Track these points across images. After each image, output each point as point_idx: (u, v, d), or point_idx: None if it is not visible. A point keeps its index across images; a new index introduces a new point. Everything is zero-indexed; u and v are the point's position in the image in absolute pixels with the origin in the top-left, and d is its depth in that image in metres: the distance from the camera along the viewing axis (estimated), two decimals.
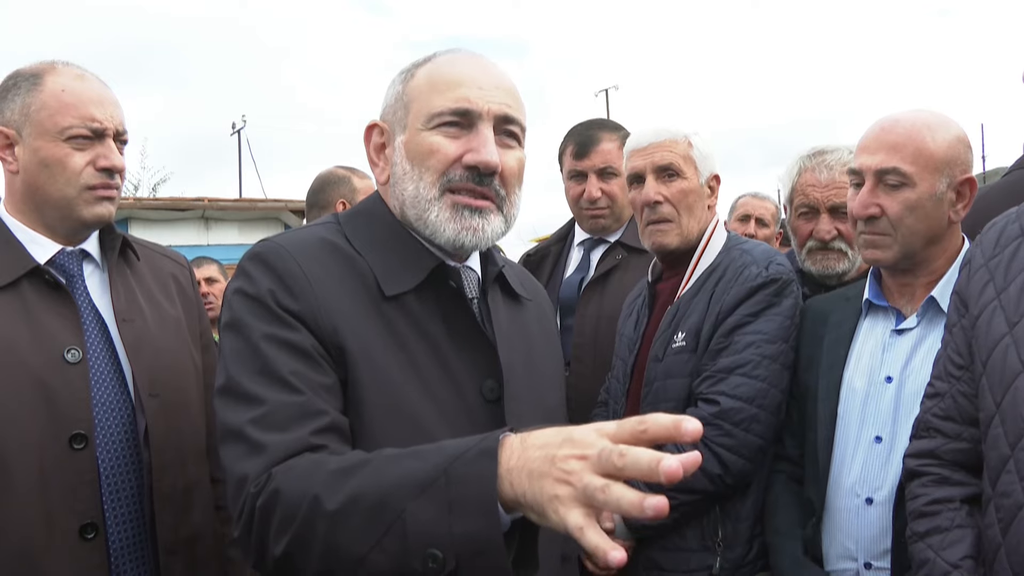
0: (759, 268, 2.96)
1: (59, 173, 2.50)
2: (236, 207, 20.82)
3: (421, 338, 1.94)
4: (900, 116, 2.66)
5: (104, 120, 2.55)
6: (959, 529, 2.13)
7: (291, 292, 1.87)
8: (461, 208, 1.95)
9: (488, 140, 1.94)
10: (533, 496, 1.37)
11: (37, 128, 2.49)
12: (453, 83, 1.97)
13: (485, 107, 1.95)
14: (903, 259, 2.63)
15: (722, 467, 2.80)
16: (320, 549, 1.57)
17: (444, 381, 1.93)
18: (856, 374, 2.70)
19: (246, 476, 1.69)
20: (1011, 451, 1.92)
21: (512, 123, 2.00)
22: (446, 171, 1.95)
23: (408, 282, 1.96)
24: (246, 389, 1.78)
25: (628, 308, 3.39)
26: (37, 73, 2.55)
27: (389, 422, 1.84)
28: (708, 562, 2.87)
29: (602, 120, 4.36)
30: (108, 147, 2.56)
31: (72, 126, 2.49)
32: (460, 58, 2.04)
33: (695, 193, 3.11)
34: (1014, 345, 1.96)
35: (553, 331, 2.38)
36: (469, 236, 1.96)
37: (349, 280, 1.94)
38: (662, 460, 1.24)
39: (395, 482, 1.53)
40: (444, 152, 1.95)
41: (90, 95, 2.55)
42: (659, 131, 3.14)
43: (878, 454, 2.59)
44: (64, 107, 2.50)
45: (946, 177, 2.58)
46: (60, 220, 2.56)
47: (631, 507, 1.26)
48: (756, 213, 6.05)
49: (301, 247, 1.96)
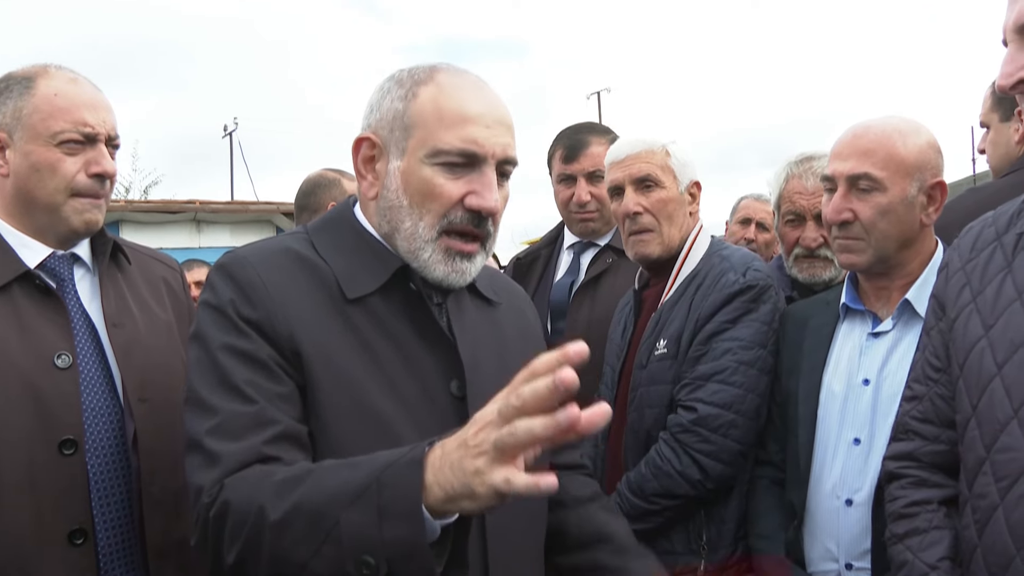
0: (736, 275, 2.99)
1: (50, 178, 2.48)
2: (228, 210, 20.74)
3: (386, 339, 1.96)
4: (871, 122, 2.70)
5: (96, 125, 2.53)
6: (937, 531, 2.15)
7: (249, 301, 1.91)
8: (454, 254, 1.98)
9: (492, 185, 1.95)
10: (460, 484, 1.45)
11: (29, 132, 2.47)
12: (462, 118, 1.95)
13: (491, 149, 1.95)
14: (877, 263, 2.67)
15: (702, 472, 2.84)
16: (268, 557, 1.63)
17: (410, 380, 1.95)
18: (835, 377, 2.73)
19: (201, 487, 1.76)
20: (987, 453, 1.95)
21: (510, 163, 2.01)
22: (446, 213, 1.96)
23: (371, 284, 1.98)
24: (204, 399, 1.84)
25: (618, 315, 3.42)
26: (30, 76, 2.52)
27: (352, 423, 1.87)
28: (693, 565, 2.90)
29: (591, 124, 4.38)
30: (100, 152, 2.54)
31: (64, 130, 2.47)
32: (466, 84, 2.01)
33: (675, 202, 3.14)
34: (990, 348, 1.99)
35: (532, 329, 2.36)
36: (456, 278, 1.99)
37: (310, 286, 1.96)
38: (558, 375, 1.34)
39: (333, 492, 1.59)
40: (448, 195, 1.95)
41: (83, 99, 2.53)
42: (636, 142, 3.18)
43: (857, 456, 2.62)
44: (57, 111, 2.48)
45: (917, 181, 2.63)
46: (50, 225, 2.54)
47: (545, 427, 1.35)
48: (757, 217, 5.99)
49: (262, 257, 1.99)
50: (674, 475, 2.87)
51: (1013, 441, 1.89)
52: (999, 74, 1.94)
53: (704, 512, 2.93)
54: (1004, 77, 1.93)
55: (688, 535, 2.93)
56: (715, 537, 2.92)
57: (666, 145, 3.15)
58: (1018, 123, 3.65)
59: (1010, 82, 1.92)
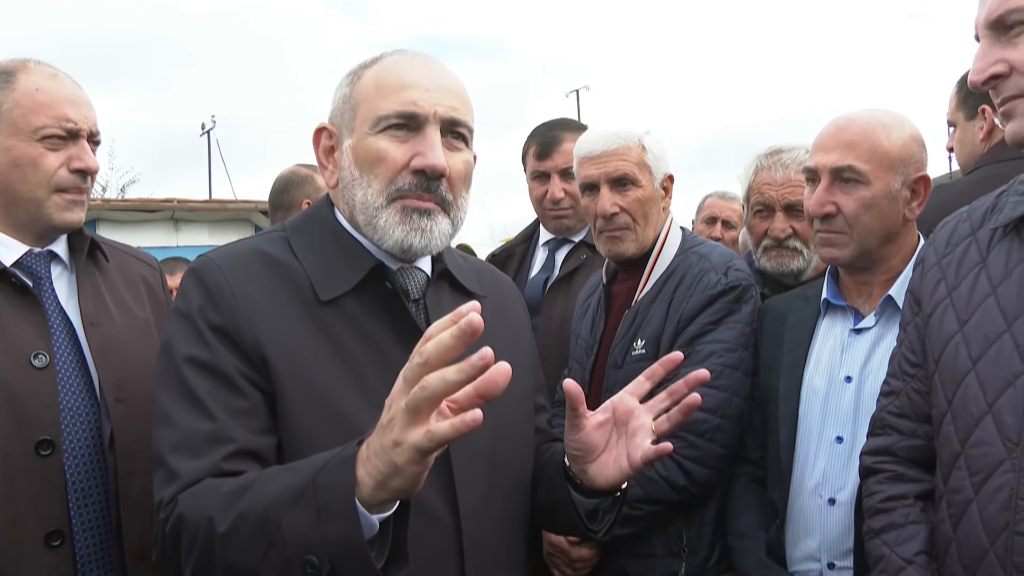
0: (718, 275, 2.97)
1: (31, 174, 2.47)
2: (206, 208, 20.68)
3: (361, 340, 1.95)
4: (855, 115, 2.70)
5: (79, 120, 2.52)
6: (913, 525, 2.16)
7: (217, 307, 1.92)
8: (410, 211, 1.96)
9: (435, 143, 1.95)
10: (385, 465, 1.47)
11: (10, 127, 2.45)
12: (399, 86, 1.96)
13: (431, 110, 1.95)
14: (859, 257, 2.67)
15: (687, 478, 2.82)
16: (221, 567, 1.67)
17: (386, 381, 1.85)
18: (816, 374, 2.72)
19: (160, 502, 1.79)
20: (961, 448, 1.95)
21: (459, 125, 2.01)
22: (394, 179, 1.96)
23: (344, 284, 1.97)
24: (168, 414, 1.86)
25: (582, 307, 3.38)
26: (9, 71, 2.50)
27: (322, 428, 1.86)
28: (674, 567, 2.89)
29: (565, 120, 4.37)
30: (82, 148, 2.53)
31: (46, 126, 2.46)
32: (407, 59, 2.04)
33: (651, 200, 3.11)
34: (964, 343, 1.99)
35: (519, 323, 2.35)
36: (417, 237, 1.96)
37: (281, 290, 1.96)
38: (461, 317, 1.37)
39: (274, 497, 1.62)
40: (392, 158, 1.95)
41: (64, 95, 2.52)
42: (611, 137, 3.12)
43: (839, 454, 2.62)
44: (38, 106, 2.47)
45: (901, 175, 2.62)
46: (29, 221, 2.52)
47: (460, 371, 1.37)
48: (723, 215, 5.99)
49: (231, 260, 2.00)
50: (659, 481, 2.83)
51: (987, 436, 1.90)
52: (972, 70, 1.95)
53: (684, 514, 2.91)
54: (976, 73, 1.94)
55: (668, 537, 2.91)
56: (695, 539, 2.90)
57: (641, 138, 3.10)
58: (982, 121, 3.69)
59: (982, 77, 1.93)
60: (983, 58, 1.93)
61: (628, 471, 1.95)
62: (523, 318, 2.40)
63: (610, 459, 1.98)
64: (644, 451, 1.92)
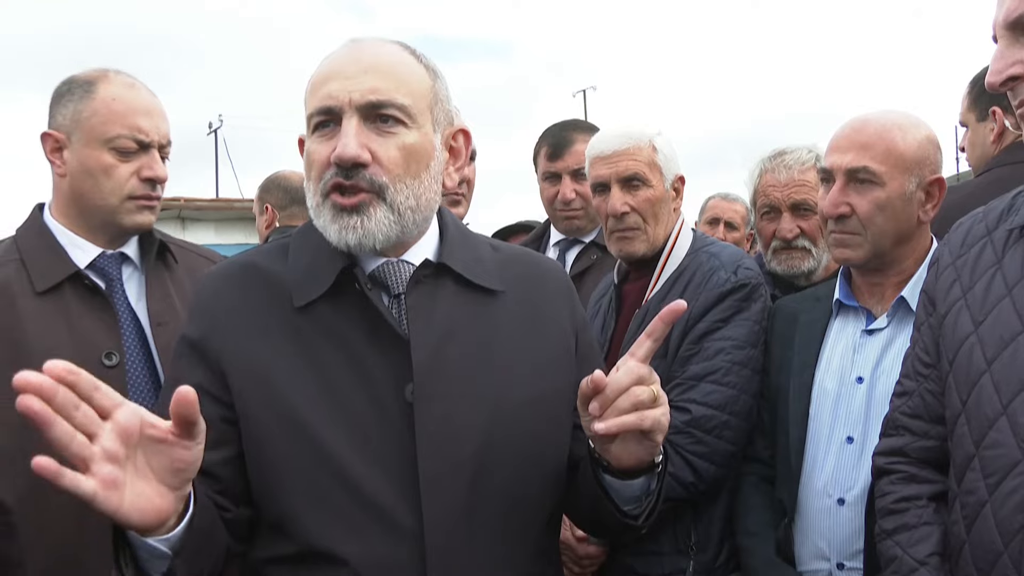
0: (727, 273, 2.96)
1: (104, 181, 2.61)
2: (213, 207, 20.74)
3: (335, 345, 1.89)
4: (870, 116, 2.69)
5: (151, 131, 2.65)
6: (926, 526, 2.15)
7: (194, 321, 1.96)
8: (338, 209, 1.88)
9: (346, 133, 1.83)
10: None
11: (87, 135, 2.60)
12: (322, 80, 1.89)
13: (346, 98, 1.84)
14: (873, 258, 2.66)
15: (695, 475, 2.80)
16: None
17: (360, 388, 1.87)
18: (827, 375, 2.71)
19: None
20: (976, 449, 1.94)
21: (383, 107, 1.86)
22: (322, 175, 1.88)
23: (317, 289, 1.92)
24: None
25: (594, 307, 3.37)
26: (91, 80, 2.65)
27: (283, 441, 1.85)
28: (681, 565, 2.87)
29: (576, 121, 4.37)
30: (153, 158, 2.67)
31: (120, 135, 2.60)
32: (338, 51, 1.94)
33: (661, 200, 3.10)
34: (979, 344, 1.98)
35: (552, 321, 2.12)
36: (351, 235, 1.87)
37: (259, 300, 1.94)
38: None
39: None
40: (317, 157, 1.88)
41: (139, 105, 2.66)
42: (622, 137, 3.11)
43: (850, 455, 2.60)
44: (113, 116, 2.60)
45: (916, 177, 2.61)
46: (102, 226, 2.66)
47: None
48: (725, 216, 5.99)
49: (221, 273, 2.03)
50: (666, 477, 2.81)
51: (1002, 437, 1.89)
52: (989, 71, 1.94)
53: (692, 512, 2.90)
54: (994, 74, 1.92)
55: (676, 535, 2.89)
56: (703, 537, 2.89)
57: (652, 139, 3.10)
58: (993, 123, 3.68)
59: (1000, 79, 1.91)
60: (1001, 59, 1.91)
61: (651, 446, 1.80)
62: (561, 315, 2.15)
63: (631, 435, 1.78)
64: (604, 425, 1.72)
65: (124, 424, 1.49)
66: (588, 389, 1.73)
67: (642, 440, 1.79)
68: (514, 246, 2.33)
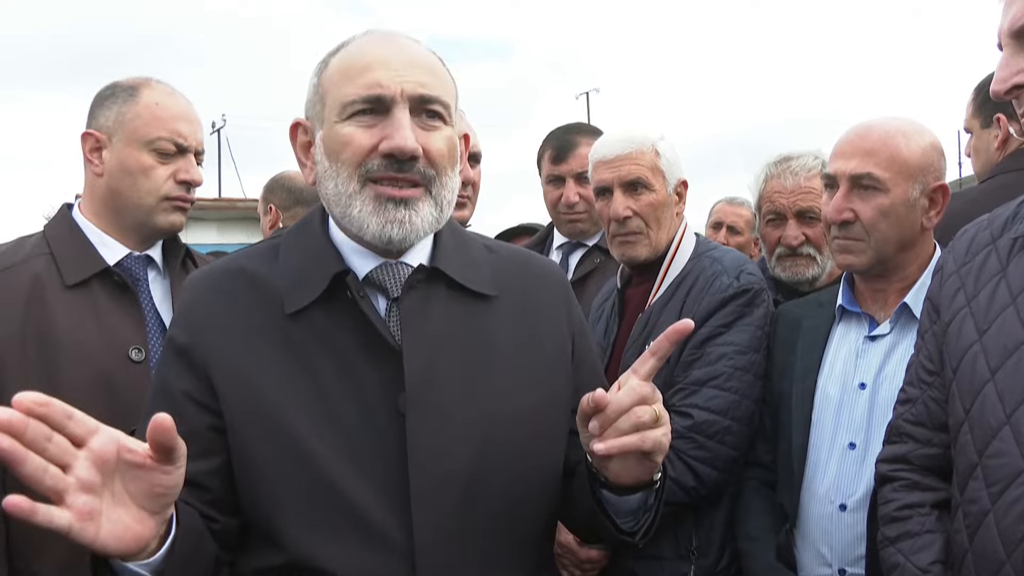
0: (730, 278, 2.96)
1: (142, 182, 2.73)
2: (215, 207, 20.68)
3: (326, 353, 1.86)
4: (874, 122, 2.69)
5: (189, 136, 2.79)
6: (929, 534, 2.14)
7: (181, 326, 1.94)
8: (384, 200, 1.83)
9: (403, 124, 1.81)
10: None
11: (129, 136, 2.72)
12: (363, 67, 1.84)
13: (398, 89, 1.82)
14: (876, 264, 2.66)
15: (696, 480, 2.80)
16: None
17: (351, 398, 1.84)
18: (830, 380, 2.72)
19: None
20: (979, 458, 1.94)
21: (431, 102, 1.86)
22: (363, 162, 1.83)
23: (310, 295, 1.88)
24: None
25: (597, 311, 3.37)
26: (134, 86, 2.78)
27: (270, 450, 1.83)
28: (683, 570, 2.87)
29: (580, 124, 4.37)
30: (190, 162, 2.80)
31: (161, 138, 2.73)
32: (372, 40, 1.92)
33: (664, 204, 3.10)
34: (983, 353, 1.98)
35: (548, 325, 2.08)
36: (396, 229, 1.83)
37: (247, 306, 1.91)
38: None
39: None
40: (358, 143, 1.83)
41: (179, 112, 2.80)
42: (625, 141, 3.12)
43: (852, 460, 2.61)
44: (156, 119, 2.74)
45: (919, 184, 2.62)
46: (135, 225, 2.77)
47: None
48: (728, 221, 5.98)
49: (208, 277, 2.01)
50: (668, 482, 2.81)
51: (1005, 447, 1.88)
52: (994, 79, 1.93)
53: (693, 517, 2.90)
54: (999, 82, 1.92)
55: (677, 540, 2.89)
56: (704, 542, 2.89)
57: (655, 143, 3.10)
58: (997, 129, 3.68)
59: (1005, 87, 1.91)
60: (1006, 67, 1.90)
61: (652, 466, 1.77)
62: (558, 318, 2.11)
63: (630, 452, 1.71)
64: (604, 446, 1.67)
65: (99, 451, 1.45)
66: (588, 408, 1.70)
67: (642, 460, 1.75)
68: (510, 246, 2.29)
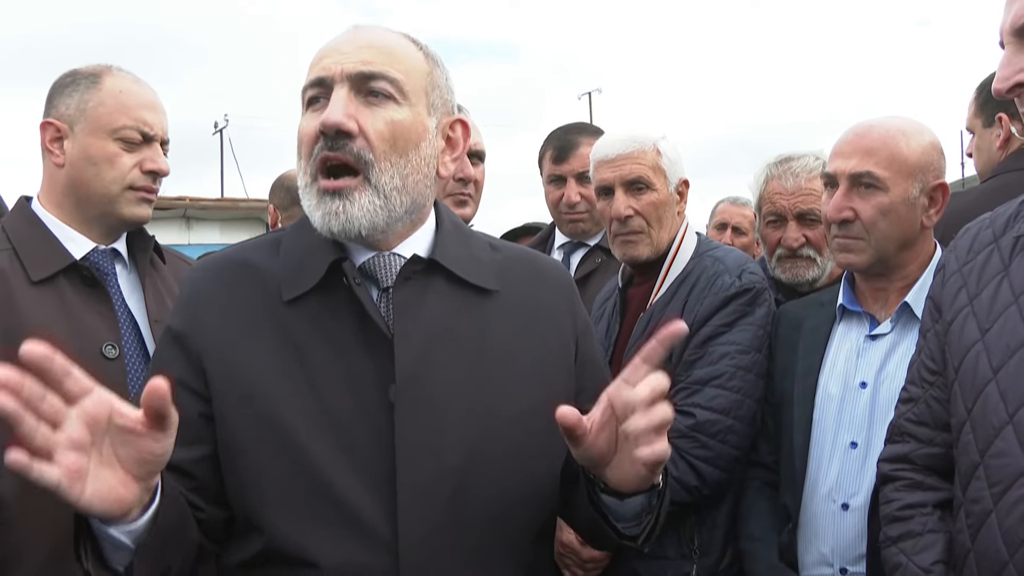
0: (732, 277, 2.96)
1: (107, 170, 2.63)
2: (218, 207, 20.75)
3: (322, 342, 1.84)
4: (874, 122, 2.69)
5: (155, 125, 2.70)
6: (931, 534, 2.14)
7: (180, 313, 1.93)
8: (321, 193, 1.82)
9: (333, 101, 1.77)
10: None
11: (92, 124, 2.62)
12: (319, 56, 1.84)
13: (338, 69, 1.79)
14: (876, 263, 2.66)
15: (699, 479, 2.80)
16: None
17: (344, 386, 1.82)
18: (831, 379, 2.71)
19: None
20: (981, 458, 1.93)
21: (373, 78, 1.80)
22: (311, 150, 1.81)
23: (307, 283, 1.87)
24: None
25: (598, 311, 3.36)
26: (96, 73, 2.68)
27: (257, 439, 1.81)
28: (685, 570, 2.87)
29: (581, 124, 4.36)
30: (156, 151, 2.71)
31: (126, 126, 2.63)
32: (339, 33, 1.91)
33: (665, 204, 3.10)
34: (985, 352, 1.97)
35: (551, 324, 2.05)
36: (333, 221, 1.80)
37: (245, 295, 1.90)
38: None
39: None
40: (307, 131, 1.82)
41: (144, 100, 2.71)
42: (626, 141, 3.11)
43: (854, 460, 2.60)
44: (121, 107, 2.64)
45: (919, 182, 2.61)
46: (99, 217, 2.67)
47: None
48: (733, 221, 5.95)
49: (209, 267, 2.00)
50: (670, 482, 2.80)
51: (1007, 446, 1.88)
52: (996, 77, 1.92)
53: (695, 516, 2.90)
54: (1001, 80, 1.91)
55: (679, 539, 2.89)
56: (706, 541, 2.89)
57: (656, 143, 3.10)
58: (999, 129, 3.68)
59: (1007, 85, 1.90)
60: (1008, 66, 1.90)
61: (644, 471, 1.67)
62: (561, 319, 2.07)
63: (624, 459, 1.68)
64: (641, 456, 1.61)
65: (91, 411, 1.45)
66: (568, 424, 1.65)
67: (637, 468, 1.68)
68: (517, 246, 2.27)
